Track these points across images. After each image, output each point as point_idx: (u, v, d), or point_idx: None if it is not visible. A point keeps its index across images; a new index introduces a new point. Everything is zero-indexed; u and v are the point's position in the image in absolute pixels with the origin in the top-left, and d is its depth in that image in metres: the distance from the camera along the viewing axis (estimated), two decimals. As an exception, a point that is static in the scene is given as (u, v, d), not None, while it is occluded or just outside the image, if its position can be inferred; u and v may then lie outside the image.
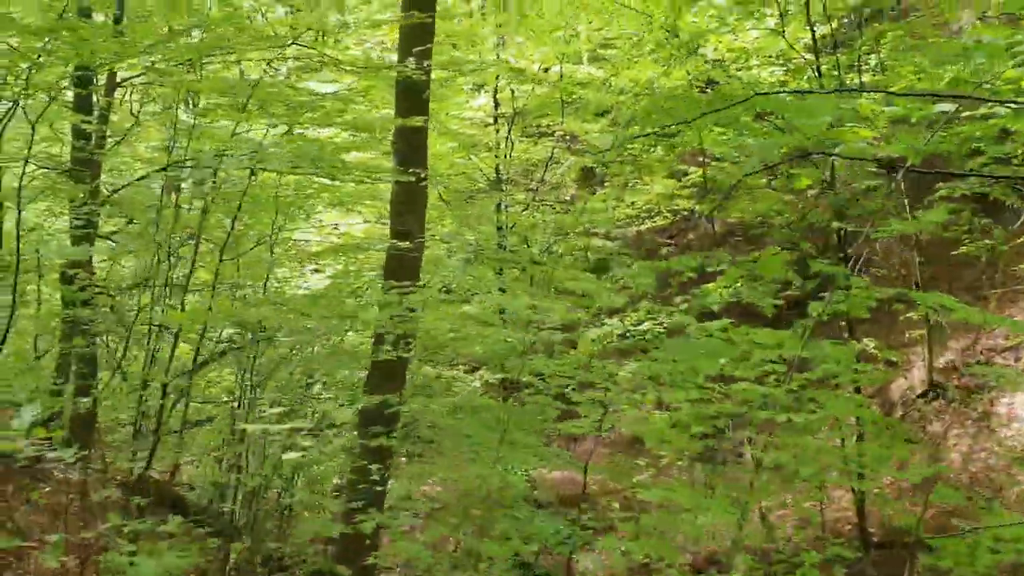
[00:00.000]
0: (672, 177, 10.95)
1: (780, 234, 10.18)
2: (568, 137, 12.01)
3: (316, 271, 11.09)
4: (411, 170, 6.59)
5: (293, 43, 7.00)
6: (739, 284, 7.77)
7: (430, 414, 5.43)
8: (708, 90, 10.13)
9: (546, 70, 11.10)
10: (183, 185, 8.04)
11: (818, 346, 3.90)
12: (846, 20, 10.14)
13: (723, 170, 10.16)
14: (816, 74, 8.84)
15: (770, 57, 9.79)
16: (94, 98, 8.03)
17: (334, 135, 8.98)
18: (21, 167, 5.87)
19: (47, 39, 5.39)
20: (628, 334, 9.40)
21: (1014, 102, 4.54)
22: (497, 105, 11.60)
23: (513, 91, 11.53)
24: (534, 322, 5.87)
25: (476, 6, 11.60)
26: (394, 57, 11.81)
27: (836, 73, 8.84)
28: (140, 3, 7.47)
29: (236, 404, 7.92)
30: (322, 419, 8.00)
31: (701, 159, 10.42)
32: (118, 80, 7.92)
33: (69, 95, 7.83)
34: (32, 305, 7.41)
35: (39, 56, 5.06)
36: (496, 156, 11.52)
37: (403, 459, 7.65)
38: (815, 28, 8.88)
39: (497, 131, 11.47)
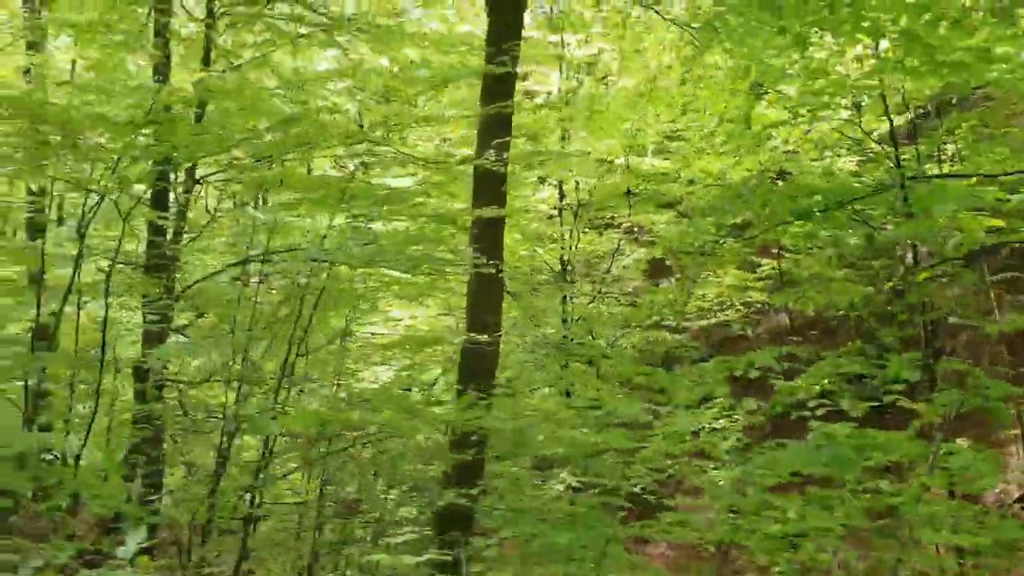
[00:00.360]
0: (742, 269, 10.74)
1: (858, 326, 9.83)
2: (636, 228, 11.90)
3: (379, 364, 10.98)
4: (489, 261, 6.49)
5: (367, 140, 7.06)
6: (827, 382, 7.41)
7: (517, 522, 5.16)
8: (779, 180, 9.99)
9: (610, 162, 11.10)
10: (256, 279, 8.05)
11: (961, 450, 3.58)
12: (921, 111, 9.99)
13: (797, 263, 9.92)
14: (896, 164, 8.65)
15: (843, 149, 9.65)
16: (171, 195, 8.17)
17: (405, 228, 9.00)
18: (107, 264, 5.87)
19: (136, 134, 5.47)
20: (710, 431, 9.04)
21: None
22: (562, 196, 11.59)
23: (578, 183, 11.52)
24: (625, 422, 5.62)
25: (541, 100, 11.71)
26: (461, 152, 11.93)
27: (917, 164, 8.65)
28: (218, 103, 7.63)
29: (304, 502, 7.72)
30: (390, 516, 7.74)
31: (776, 251, 10.20)
32: (197, 177, 8.05)
33: (146, 191, 7.97)
34: (105, 400, 7.36)
35: (133, 150, 5.11)
36: (561, 248, 11.44)
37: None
38: (892, 118, 8.75)
39: (562, 223, 11.43)
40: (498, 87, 6.89)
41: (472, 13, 13.52)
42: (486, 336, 6.45)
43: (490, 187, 6.95)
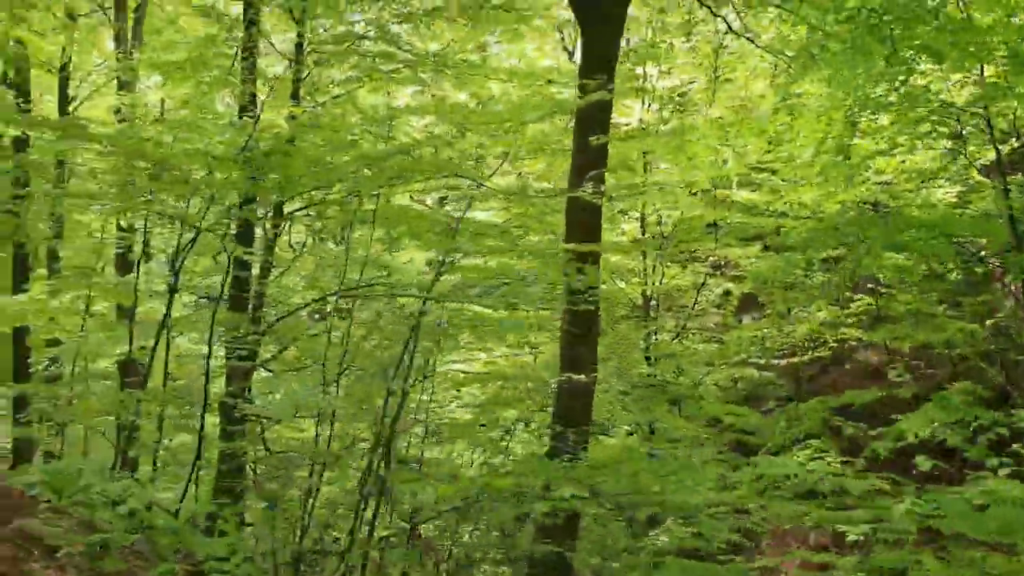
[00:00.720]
0: (834, 304, 10.31)
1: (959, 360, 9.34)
2: (722, 263, 11.57)
3: (456, 400, 10.81)
4: (586, 297, 6.28)
5: (461, 176, 6.97)
6: (936, 424, 7.01)
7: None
8: (874, 211, 9.59)
9: (697, 194, 10.84)
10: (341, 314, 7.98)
11: None
12: (1025, 138, 9.52)
13: (893, 298, 9.49)
14: (1004, 195, 8.23)
15: (942, 179, 9.23)
16: (257, 231, 8.17)
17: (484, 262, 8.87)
18: (203, 298, 5.84)
19: (234, 170, 5.44)
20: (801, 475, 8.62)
21: None
22: (644, 230, 11.35)
23: (660, 216, 11.27)
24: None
25: (624, 132, 11.52)
26: (541, 185, 11.79)
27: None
28: (311, 139, 7.63)
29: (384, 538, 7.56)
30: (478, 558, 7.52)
31: (870, 285, 9.78)
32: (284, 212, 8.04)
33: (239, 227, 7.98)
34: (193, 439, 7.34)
35: (236, 185, 5.07)
36: (643, 282, 11.17)
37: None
38: (999, 147, 8.33)
39: (644, 256, 11.16)
40: (594, 119, 6.73)
41: (549, 48, 13.48)
42: (583, 376, 6.22)
43: (584, 220, 6.76)
